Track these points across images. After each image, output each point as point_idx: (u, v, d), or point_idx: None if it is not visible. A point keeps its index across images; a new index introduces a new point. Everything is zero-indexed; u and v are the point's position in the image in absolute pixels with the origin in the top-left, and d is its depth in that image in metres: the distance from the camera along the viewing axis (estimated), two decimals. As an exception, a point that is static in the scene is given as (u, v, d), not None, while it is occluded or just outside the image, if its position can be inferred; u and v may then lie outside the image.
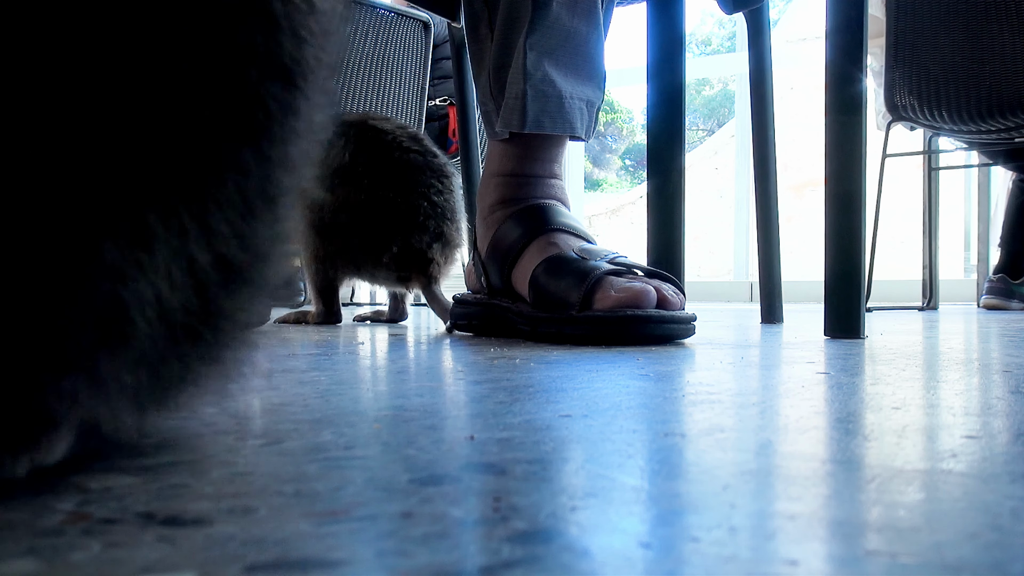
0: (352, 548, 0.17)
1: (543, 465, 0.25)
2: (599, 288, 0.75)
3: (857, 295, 0.85)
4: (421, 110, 2.04)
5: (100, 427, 0.23)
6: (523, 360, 0.59)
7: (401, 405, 0.37)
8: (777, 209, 1.27)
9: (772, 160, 1.26)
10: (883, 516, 0.20)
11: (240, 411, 0.35)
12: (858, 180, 0.85)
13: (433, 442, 0.28)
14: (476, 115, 1.35)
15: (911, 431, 0.31)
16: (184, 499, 0.21)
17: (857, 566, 0.16)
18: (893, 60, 1.69)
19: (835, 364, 0.57)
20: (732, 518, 0.19)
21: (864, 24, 0.86)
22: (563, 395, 0.40)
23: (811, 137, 2.21)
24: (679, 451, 0.27)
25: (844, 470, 0.25)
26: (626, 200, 5.59)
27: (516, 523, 0.19)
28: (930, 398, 0.40)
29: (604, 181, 8.44)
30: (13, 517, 0.19)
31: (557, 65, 0.85)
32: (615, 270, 0.77)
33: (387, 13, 1.94)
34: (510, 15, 0.86)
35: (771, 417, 0.35)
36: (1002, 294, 2.03)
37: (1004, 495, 0.21)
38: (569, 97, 0.86)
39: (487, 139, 0.93)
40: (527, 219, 0.86)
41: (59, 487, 0.22)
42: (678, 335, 0.76)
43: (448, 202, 1.12)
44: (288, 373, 0.51)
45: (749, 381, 0.48)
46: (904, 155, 2.11)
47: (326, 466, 0.24)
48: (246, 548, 0.17)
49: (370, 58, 1.92)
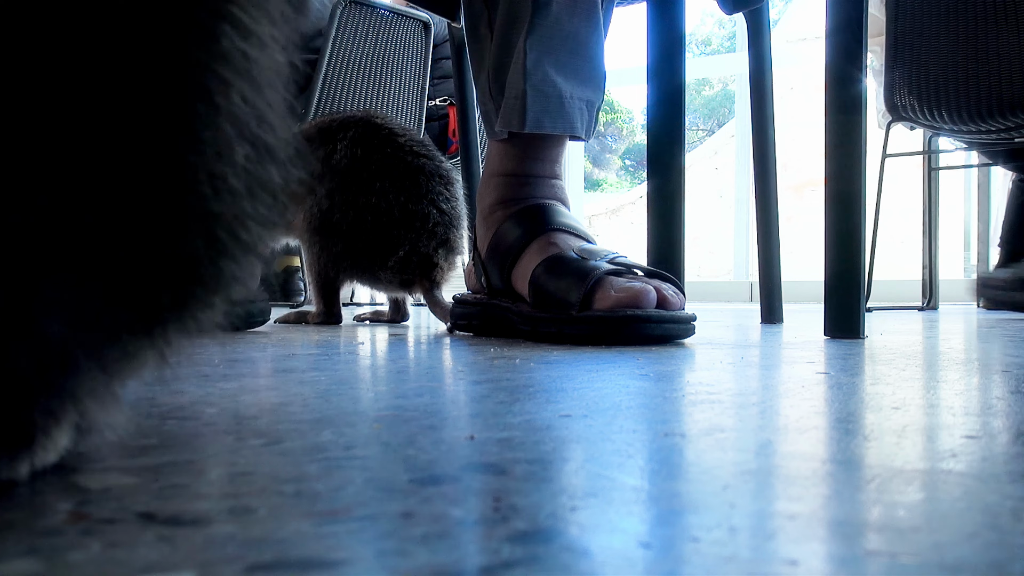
0: (352, 548, 0.17)
1: (543, 465, 0.25)
2: (599, 288, 0.75)
3: (857, 295, 0.85)
4: (421, 110, 2.04)
5: (94, 426, 0.23)
6: (523, 360, 0.59)
7: (401, 405, 0.37)
8: (777, 209, 1.27)
9: (772, 160, 1.26)
10: (883, 516, 0.20)
11: (240, 411, 0.35)
12: (858, 180, 0.85)
13: (433, 442, 0.28)
14: (476, 115, 1.35)
15: (911, 431, 0.31)
16: (184, 499, 0.21)
17: (857, 566, 0.16)
18: (893, 60, 1.69)
19: (835, 364, 0.57)
20: (732, 518, 0.19)
21: (864, 24, 0.86)
22: (563, 395, 0.40)
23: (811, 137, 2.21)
24: (679, 451, 0.27)
25: (844, 470, 0.25)
26: (626, 200, 5.59)
27: (516, 523, 0.19)
28: (930, 398, 0.40)
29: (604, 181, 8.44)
30: (13, 517, 0.19)
31: (557, 65, 0.85)
32: (615, 270, 0.77)
33: (387, 13, 1.94)
34: (510, 15, 0.86)
35: (771, 417, 0.35)
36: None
37: (1004, 495, 0.21)
38: (569, 97, 0.86)
39: (487, 139, 0.93)
40: (527, 219, 0.86)
41: (59, 487, 0.22)
42: (678, 335, 0.76)
43: (454, 209, 1.12)
44: (288, 373, 0.51)
45: (749, 381, 0.48)
46: (904, 155, 2.11)
47: (326, 466, 0.24)
48: (246, 548, 0.17)
49: (370, 58, 1.92)
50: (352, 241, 1.08)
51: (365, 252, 1.08)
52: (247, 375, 0.50)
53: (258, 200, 0.23)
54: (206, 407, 0.36)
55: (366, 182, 1.08)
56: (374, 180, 1.08)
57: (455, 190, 1.13)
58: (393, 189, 1.08)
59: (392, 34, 1.96)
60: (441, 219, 1.09)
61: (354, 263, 1.09)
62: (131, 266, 0.21)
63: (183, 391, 0.41)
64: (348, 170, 1.08)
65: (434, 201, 1.09)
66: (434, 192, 1.10)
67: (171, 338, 0.24)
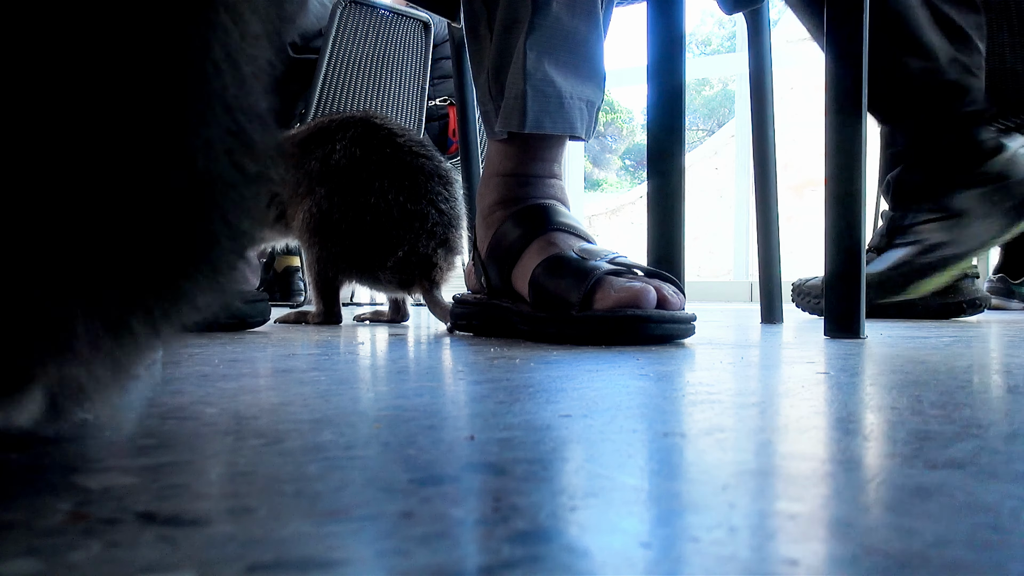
0: (352, 548, 0.17)
1: (543, 465, 0.25)
2: (599, 288, 0.75)
3: (857, 295, 0.85)
4: (421, 110, 2.04)
5: (76, 391, 0.23)
6: (523, 360, 0.59)
7: (401, 405, 0.37)
8: (777, 209, 1.27)
9: (772, 160, 1.26)
10: (883, 516, 0.20)
11: (240, 411, 0.35)
12: (858, 180, 0.85)
13: (433, 442, 0.28)
14: (476, 115, 1.35)
15: (911, 431, 0.31)
16: (184, 499, 0.21)
17: (857, 566, 0.16)
18: (893, 60, 1.69)
19: (835, 364, 0.57)
20: (732, 518, 0.19)
21: (864, 24, 0.86)
22: (563, 395, 0.40)
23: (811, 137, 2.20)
24: (679, 451, 0.27)
25: (844, 470, 0.25)
26: (626, 200, 5.59)
27: (516, 523, 0.19)
28: (930, 398, 0.40)
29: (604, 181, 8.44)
30: (13, 517, 0.19)
31: (557, 65, 0.85)
32: (615, 270, 0.77)
33: (387, 13, 1.94)
34: (509, 15, 0.86)
35: (771, 417, 0.35)
36: (1002, 294, 2.03)
37: (1004, 495, 0.21)
38: (569, 97, 0.86)
39: (487, 139, 0.93)
40: (527, 219, 0.86)
41: (59, 487, 0.22)
42: (678, 335, 0.76)
43: (453, 209, 1.11)
44: (288, 373, 0.51)
45: (749, 381, 0.48)
46: (904, 155, 2.10)
47: (326, 466, 0.24)
48: (246, 548, 0.17)
49: (370, 58, 1.92)
50: (351, 241, 1.08)
51: (364, 252, 1.08)
52: (247, 375, 0.50)
53: (239, 186, 0.23)
54: (206, 407, 0.36)
55: (365, 182, 1.07)
56: (373, 180, 1.07)
57: (454, 190, 1.13)
58: (392, 189, 1.07)
59: (392, 34, 1.96)
60: (440, 219, 1.09)
61: (353, 263, 1.09)
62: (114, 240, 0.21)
63: (183, 391, 0.41)
64: (347, 170, 1.08)
65: (433, 201, 1.09)
66: (433, 192, 1.09)
67: (158, 325, 0.23)
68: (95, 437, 0.29)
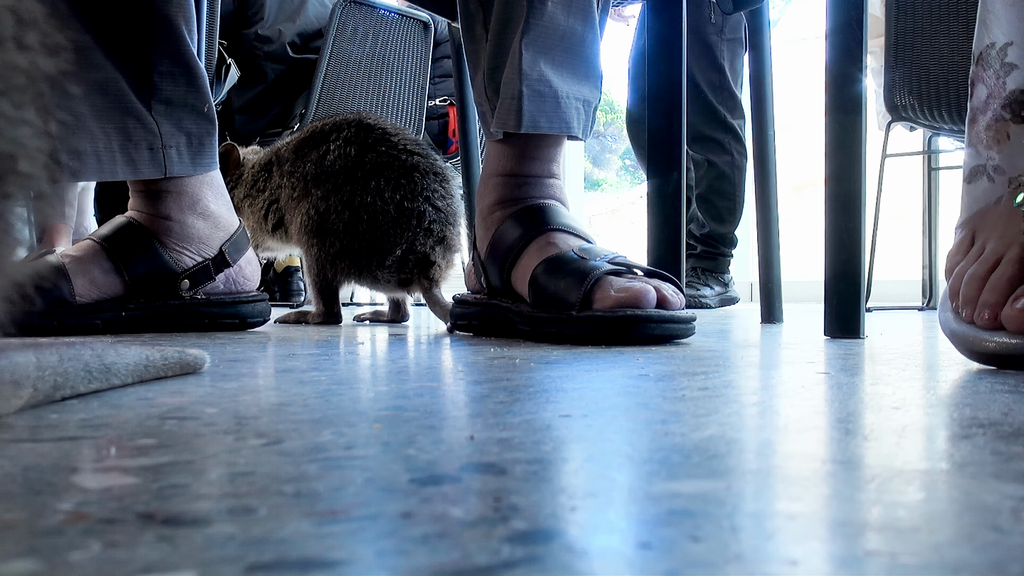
0: (352, 548, 0.17)
1: (543, 465, 0.25)
2: (599, 288, 0.75)
3: (857, 295, 0.85)
4: (421, 110, 2.04)
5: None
6: (523, 360, 0.59)
7: (401, 405, 0.37)
8: (777, 209, 1.27)
9: (772, 160, 1.26)
10: (883, 516, 0.20)
11: (240, 411, 0.35)
12: (858, 180, 0.85)
13: (433, 442, 0.28)
14: (476, 115, 1.35)
15: (911, 431, 0.31)
16: (184, 499, 0.21)
17: (857, 566, 0.16)
18: (893, 60, 1.69)
19: (835, 364, 0.57)
20: (732, 518, 0.19)
21: (864, 24, 0.86)
22: (563, 395, 0.40)
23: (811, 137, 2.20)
24: (679, 451, 0.27)
25: (844, 470, 0.25)
26: (626, 200, 5.59)
27: (516, 523, 0.19)
28: (930, 398, 0.40)
29: (604, 181, 8.43)
30: (13, 517, 0.19)
31: (553, 65, 0.85)
32: (615, 270, 0.77)
33: (387, 13, 1.94)
34: (505, 15, 0.86)
35: (771, 417, 0.35)
36: (1002, 294, 2.03)
37: (1004, 495, 0.21)
38: (565, 96, 0.86)
39: (486, 139, 0.93)
40: (526, 219, 0.86)
41: (59, 487, 0.22)
42: (678, 335, 0.76)
43: (450, 206, 1.11)
44: (288, 373, 0.51)
45: (749, 381, 0.48)
46: (904, 155, 2.11)
47: (326, 466, 0.24)
48: (246, 548, 0.17)
49: (370, 58, 1.92)
50: (349, 242, 1.08)
51: (362, 252, 1.08)
52: (247, 375, 0.50)
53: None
54: (206, 407, 0.36)
55: (361, 182, 1.08)
56: (369, 179, 1.08)
57: (451, 187, 1.13)
58: (388, 187, 1.08)
59: (392, 34, 1.96)
60: (437, 216, 1.09)
61: (352, 264, 1.09)
62: None
63: (183, 391, 0.41)
64: (343, 171, 1.08)
65: (429, 198, 1.09)
66: (429, 189, 1.10)
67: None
68: (95, 437, 0.29)
